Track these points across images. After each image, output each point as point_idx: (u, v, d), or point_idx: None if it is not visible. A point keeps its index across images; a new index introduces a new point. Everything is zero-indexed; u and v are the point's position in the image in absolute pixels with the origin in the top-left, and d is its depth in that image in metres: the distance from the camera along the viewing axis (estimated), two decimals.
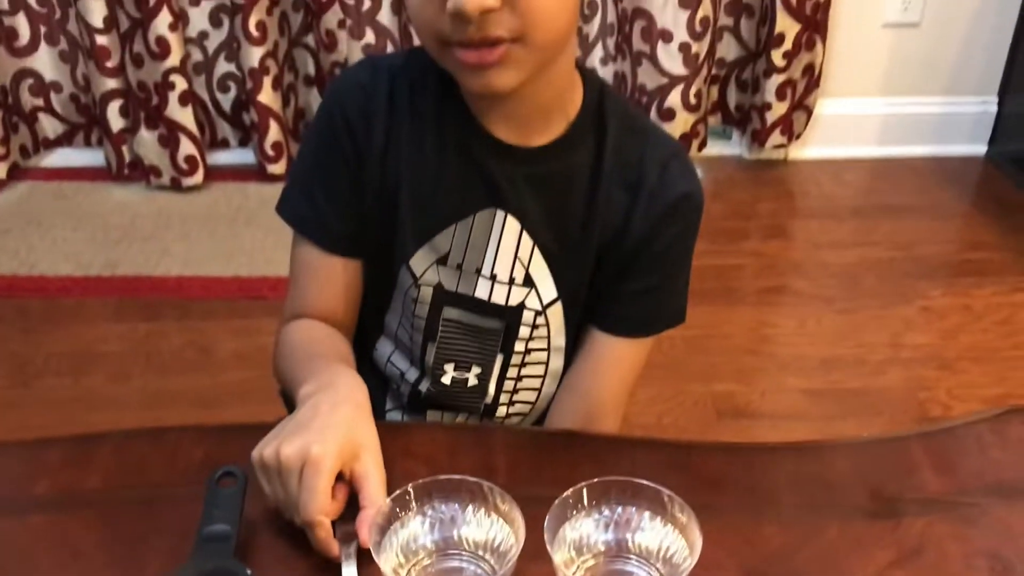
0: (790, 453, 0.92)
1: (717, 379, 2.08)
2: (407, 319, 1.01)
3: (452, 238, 0.96)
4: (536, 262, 0.96)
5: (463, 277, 0.97)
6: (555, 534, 0.73)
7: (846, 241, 2.53)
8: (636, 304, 0.99)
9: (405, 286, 0.99)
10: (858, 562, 0.80)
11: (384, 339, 1.07)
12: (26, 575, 0.80)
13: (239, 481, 0.81)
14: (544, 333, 1.00)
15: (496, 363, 1.02)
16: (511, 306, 0.98)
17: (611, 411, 1.03)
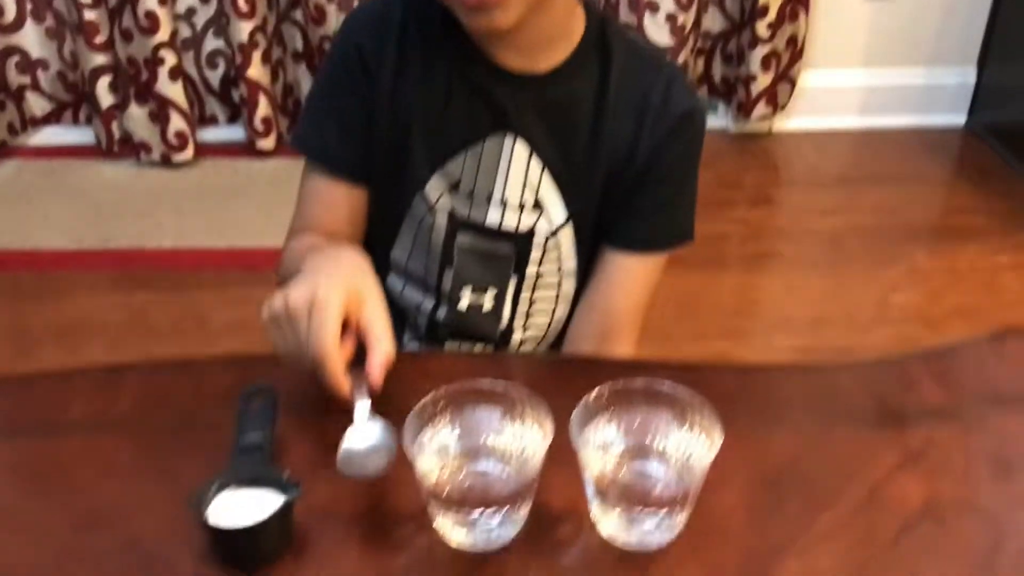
0: (797, 372, 0.96)
1: (708, 339, 2.12)
2: (422, 248, 1.04)
3: (463, 165, 0.99)
4: (545, 186, 1.00)
5: (475, 204, 1.01)
6: (580, 432, 0.76)
7: (831, 208, 2.57)
8: (647, 220, 1.02)
9: (420, 214, 1.02)
10: (866, 465, 0.84)
11: (393, 276, 1.10)
12: (67, 490, 0.82)
13: (270, 397, 0.84)
14: (555, 256, 1.03)
15: (510, 286, 1.05)
16: (522, 231, 1.01)
17: (626, 329, 1.06)
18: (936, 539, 0.77)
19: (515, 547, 0.76)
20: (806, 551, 0.76)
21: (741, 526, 0.78)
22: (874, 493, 0.81)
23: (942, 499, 0.80)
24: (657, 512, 0.74)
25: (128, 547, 0.76)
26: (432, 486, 0.74)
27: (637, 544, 0.76)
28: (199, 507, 0.73)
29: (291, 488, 0.74)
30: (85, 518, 0.79)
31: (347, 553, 0.76)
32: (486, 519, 0.74)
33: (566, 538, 0.77)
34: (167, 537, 0.77)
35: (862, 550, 0.76)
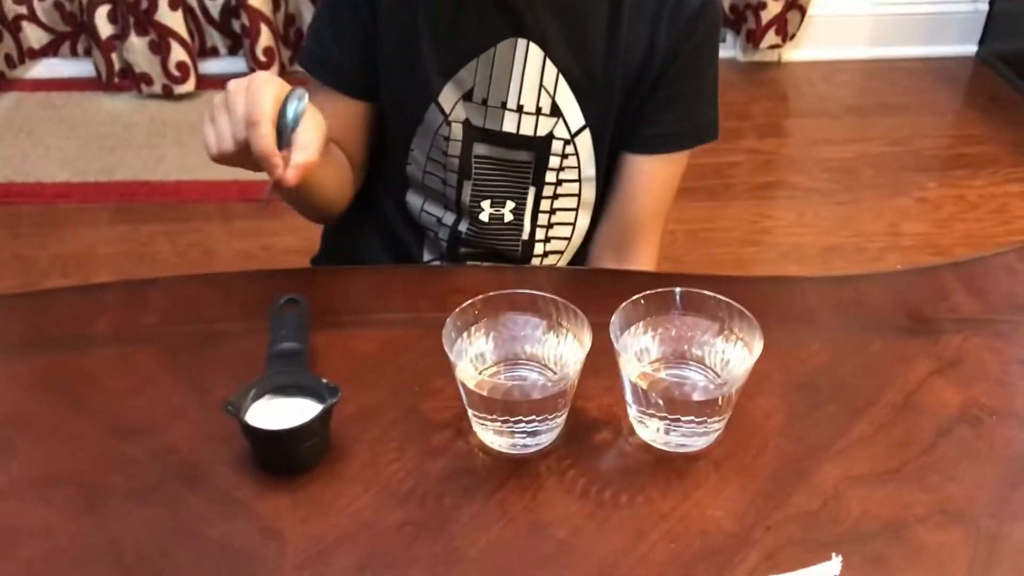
0: (828, 283, 0.95)
1: (718, 269, 2.12)
2: (438, 161, 1.03)
3: (475, 72, 0.97)
4: (561, 90, 0.98)
5: (489, 112, 0.99)
6: (619, 338, 0.76)
7: (841, 138, 2.55)
8: (665, 118, 1.01)
9: (435, 126, 1.00)
10: (901, 372, 0.83)
11: (412, 192, 1.08)
12: (100, 401, 0.81)
13: (302, 306, 0.83)
14: (574, 163, 1.03)
15: (529, 196, 1.04)
16: (539, 136, 1.00)
17: (647, 233, 1.06)
18: (973, 443, 0.77)
19: (553, 452, 0.76)
20: (843, 455, 0.76)
21: (778, 431, 0.78)
22: (910, 399, 0.81)
23: (978, 405, 0.80)
24: (695, 417, 0.74)
25: (164, 455, 0.76)
26: (471, 391, 0.74)
27: (676, 448, 0.76)
28: (237, 411, 0.72)
29: (331, 393, 0.74)
30: (119, 428, 0.79)
31: (385, 459, 0.76)
32: (524, 425, 0.74)
33: (604, 443, 0.77)
34: (203, 445, 0.77)
35: (899, 454, 0.76)
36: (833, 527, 0.70)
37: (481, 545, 0.69)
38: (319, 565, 0.68)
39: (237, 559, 0.68)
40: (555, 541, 0.70)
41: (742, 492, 0.73)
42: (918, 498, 0.73)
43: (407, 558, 0.69)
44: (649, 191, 1.04)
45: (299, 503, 0.72)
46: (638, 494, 0.73)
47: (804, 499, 0.72)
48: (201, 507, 0.72)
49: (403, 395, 0.81)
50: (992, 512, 0.72)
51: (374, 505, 0.72)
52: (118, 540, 0.70)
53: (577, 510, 0.72)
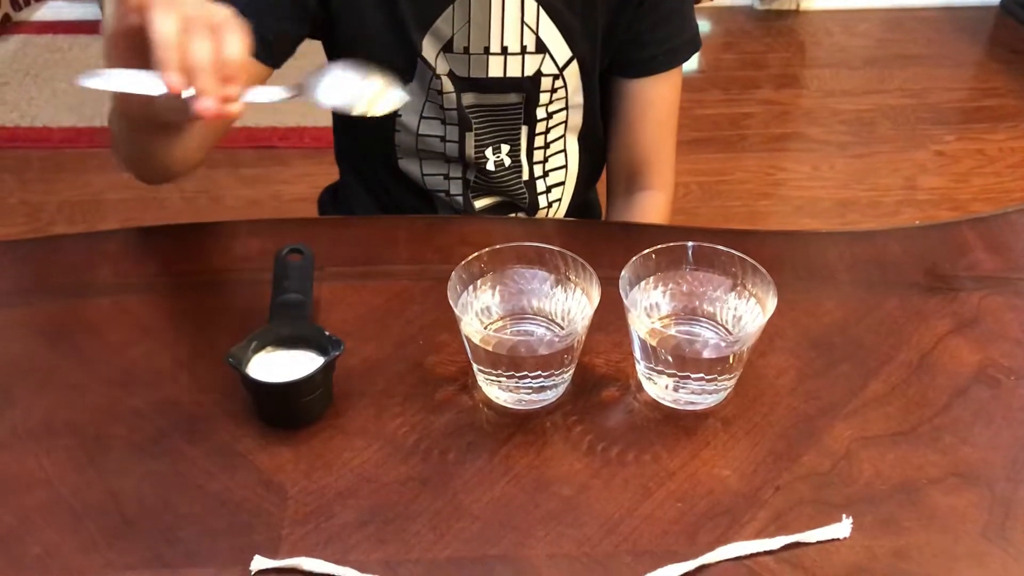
0: (844, 238, 0.92)
1: (732, 222, 2.09)
2: (436, 116, 1.00)
3: (452, 21, 0.94)
4: (544, 25, 0.96)
5: (473, 60, 0.96)
6: (628, 294, 0.74)
7: (859, 89, 2.50)
8: (655, 38, 1.00)
9: (427, 80, 0.98)
10: (917, 330, 0.82)
11: (405, 160, 1.05)
12: (100, 349, 0.80)
13: (307, 256, 0.81)
14: (563, 95, 1.01)
15: (523, 136, 1.03)
16: (528, 76, 0.98)
17: (662, 156, 1.06)
18: (988, 404, 0.76)
19: (559, 408, 0.75)
20: (855, 414, 0.75)
21: (789, 389, 0.76)
22: (925, 358, 0.79)
23: (995, 365, 0.79)
24: (705, 374, 0.72)
25: (166, 406, 0.75)
26: (476, 346, 0.72)
27: (685, 405, 0.75)
28: (238, 364, 0.71)
29: (334, 345, 0.72)
30: (120, 378, 0.78)
31: (388, 412, 0.74)
32: (530, 380, 0.73)
33: (612, 399, 0.76)
34: (206, 397, 0.76)
35: (913, 415, 0.75)
36: (844, 488, 0.69)
37: (485, 501, 0.68)
38: (320, 519, 0.67)
39: (238, 512, 0.68)
40: (560, 498, 0.69)
41: (751, 451, 0.72)
42: (931, 460, 0.71)
43: (409, 513, 0.68)
44: (651, 114, 1.04)
45: (301, 457, 0.71)
46: (645, 452, 0.72)
47: (815, 459, 0.71)
48: (202, 460, 0.71)
49: (408, 348, 0.80)
50: (1008, 475, 0.70)
51: (377, 459, 0.71)
52: (118, 492, 0.69)
53: (583, 467, 0.71)
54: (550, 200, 1.08)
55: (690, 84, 2.58)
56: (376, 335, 0.81)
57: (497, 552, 0.65)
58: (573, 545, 0.66)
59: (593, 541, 0.66)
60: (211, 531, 0.67)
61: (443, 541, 0.66)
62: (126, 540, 0.66)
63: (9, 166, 2.27)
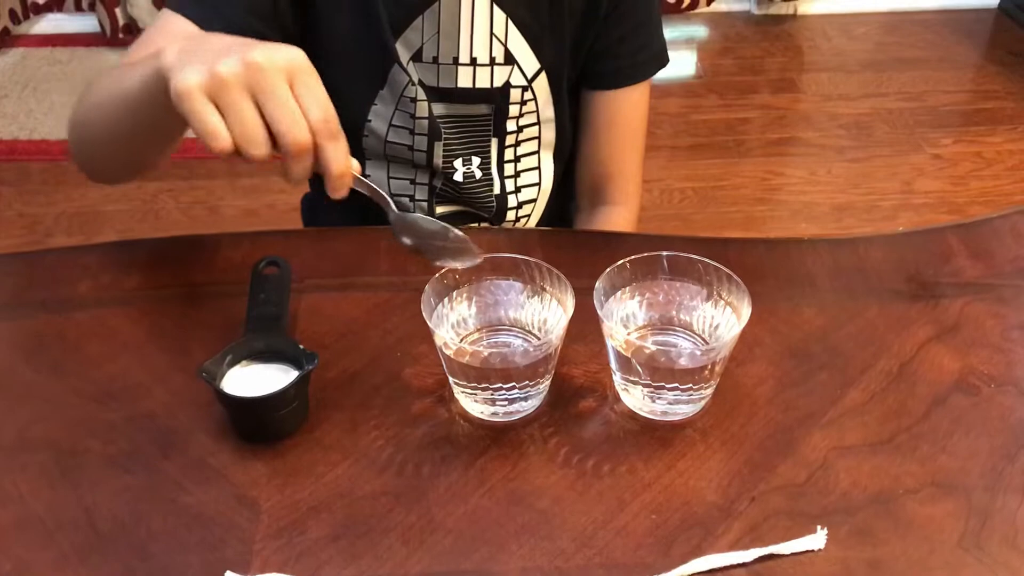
0: (825, 245, 0.92)
1: (729, 228, 2.09)
2: (405, 125, 1.00)
3: (422, 31, 0.94)
4: (513, 36, 0.96)
5: (442, 70, 0.96)
6: (603, 304, 0.74)
7: (856, 93, 2.50)
8: (621, 51, 1.00)
9: (401, 87, 0.98)
10: (898, 338, 0.81)
11: (372, 164, 1.04)
12: (78, 364, 0.80)
13: (283, 269, 0.81)
14: (533, 108, 1.01)
15: (493, 148, 1.03)
16: (497, 87, 0.98)
17: (625, 170, 1.06)
18: (968, 413, 0.75)
19: (536, 419, 0.75)
20: (833, 424, 0.74)
21: (767, 399, 0.76)
22: (905, 367, 0.79)
23: (975, 372, 0.78)
24: (679, 384, 0.72)
25: (142, 421, 0.75)
26: (451, 358, 0.72)
27: (661, 415, 0.74)
28: (212, 378, 0.71)
29: (308, 359, 0.72)
30: (98, 392, 0.78)
31: (364, 426, 0.74)
32: (505, 392, 0.72)
33: (588, 410, 0.76)
34: (182, 411, 0.76)
35: (892, 423, 0.74)
36: (819, 499, 0.69)
37: (458, 515, 0.68)
38: (293, 534, 0.67)
39: (211, 527, 0.67)
40: (534, 511, 0.68)
41: (727, 462, 0.71)
42: (909, 469, 0.71)
43: (382, 527, 0.67)
44: (618, 127, 1.04)
45: (276, 471, 0.71)
46: (621, 463, 0.71)
47: (791, 470, 0.71)
48: (176, 474, 0.71)
49: (386, 360, 0.80)
50: (985, 484, 0.69)
51: (351, 473, 0.71)
52: (92, 507, 0.69)
53: (558, 479, 0.70)
54: (519, 215, 1.08)
55: (687, 90, 2.58)
56: (354, 347, 0.80)
57: (470, 566, 0.65)
58: (546, 558, 0.65)
59: (567, 554, 0.66)
60: (183, 546, 0.66)
61: (415, 556, 0.66)
62: (98, 555, 0.66)
63: (8, 178, 2.28)
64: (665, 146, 2.35)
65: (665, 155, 2.32)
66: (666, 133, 2.40)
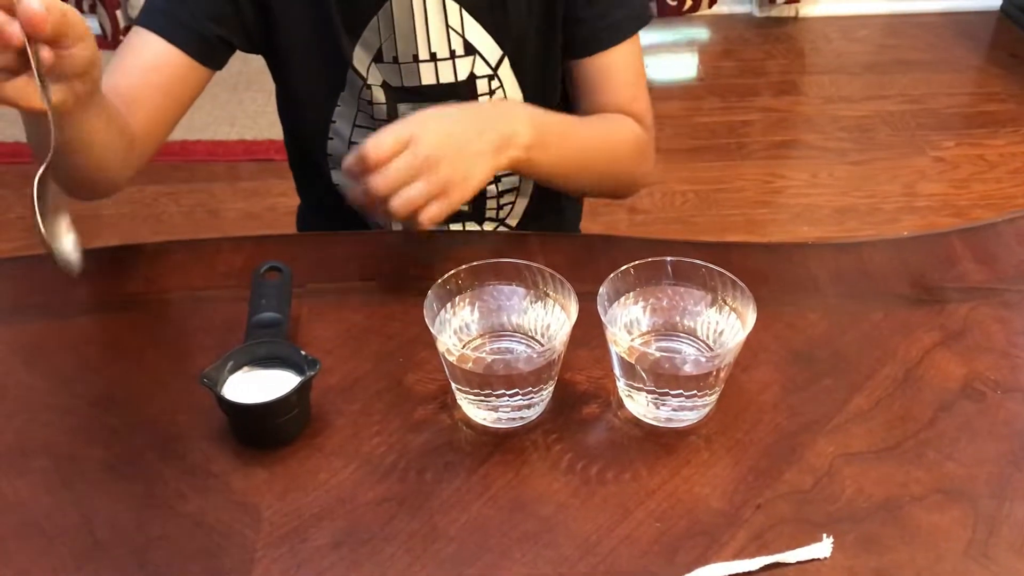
0: (829, 249, 0.92)
1: (729, 230, 2.08)
2: (368, 127, 0.99)
3: (379, 30, 0.94)
4: (470, 26, 0.95)
5: (404, 69, 0.96)
6: (607, 311, 0.73)
7: (858, 95, 2.49)
8: (594, 13, 0.97)
9: (356, 90, 0.97)
10: (903, 343, 0.81)
11: (337, 172, 1.04)
12: (78, 369, 0.80)
13: (285, 274, 0.81)
14: (501, 96, 1.00)
15: None
16: (461, 81, 0.97)
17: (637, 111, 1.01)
18: (974, 419, 0.74)
19: (539, 426, 0.74)
20: (838, 431, 0.73)
21: (772, 405, 0.75)
22: (911, 372, 0.78)
23: (981, 378, 0.77)
24: (684, 391, 0.71)
25: (143, 426, 0.75)
26: (454, 364, 0.71)
27: (666, 422, 0.74)
28: (213, 384, 0.71)
29: (310, 365, 0.71)
30: (98, 397, 0.77)
31: (366, 432, 0.74)
32: (509, 398, 0.72)
33: (592, 416, 0.75)
34: (182, 417, 0.75)
35: (897, 430, 0.73)
36: (826, 506, 0.68)
37: (461, 522, 0.68)
38: (294, 541, 0.66)
39: (211, 535, 0.67)
40: (537, 518, 0.68)
41: (732, 469, 0.71)
42: (915, 476, 0.70)
43: (384, 535, 0.67)
44: (614, 81, 1.00)
45: (276, 477, 0.71)
46: (625, 470, 0.71)
47: (796, 476, 0.70)
48: (176, 481, 0.71)
49: (388, 366, 0.79)
50: (992, 492, 0.69)
51: (354, 480, 0.70)
52: (91, 515, 0.68)
53: (561, 487, 0.70)
54: (501, 204, 1.06)
55: (688, 92, 2.57)
56: (356, 353, 0.80)
57: (473, 574, 0.65)
58: (550, 567, 0.65)
59: (570, 562, 0.65)
60: (183, 554, 0.66)
61: (418, 563, 0.65)
62: (97, 563, 0.65)
63: (9, 181, 2.27)
64: (666, 148, 2.35)
65: (666, 157, 2.31)
66: (667, 135, 2.39)
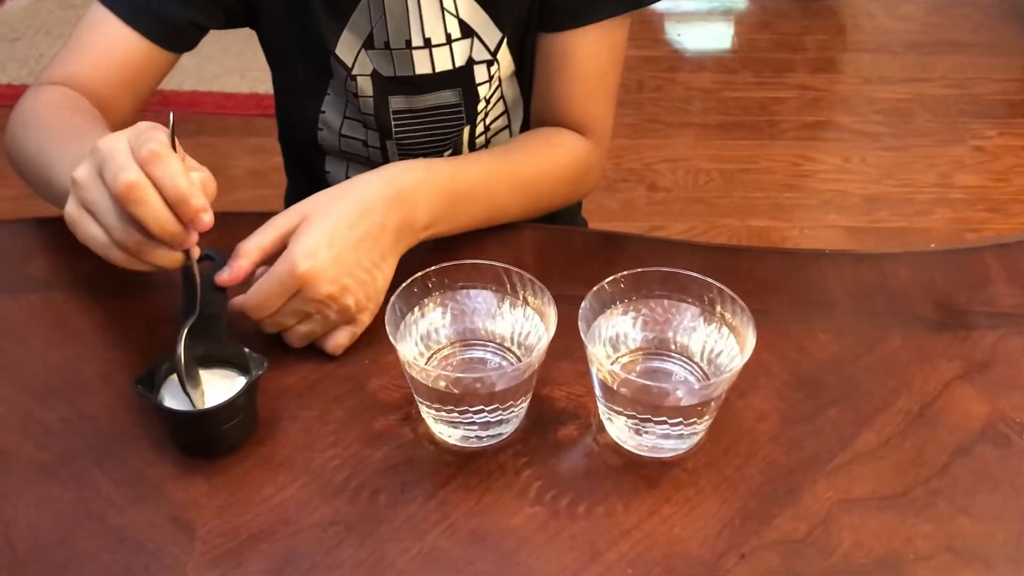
0: (848, 260, 0.83)
1: (754, 214, 1.99)
2: (357, 119, 0.92)
3: (369, 14, 0.86)
4: (465, 6, 0.86)
5: (397, 57, 0.88)
6: (589, 326, 0.66)
7: (898, 77, 2.38)
8: None
9: (342, 80, 0.89)
10: (921, 373, 0.73)
11: (331, 160, 0.98)
12: (19, 353, 0.74)
13: (218, 263, 0.72)
14: (497, 83, 0.92)
15: (465, 135, 0.94)
16: (459, 67, 0.88)
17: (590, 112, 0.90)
18: (995, 467, 0.67)
19: (510, 446, 0.67)
20: (840, 471, 0.66)
21: (769, 437, 0.68)
22: (927, 408, 0.70)
23: (1006, 420, 0.69)
24: (671, 419, 0.64)
25: (80, 423, 0.69)
26: (417, 375, 0.64)
27: (649, 450, 0.67)
28: (149, 390, 0.64)
29: (255, 365, 0.65)
30: (37, 388, 0.71)
31: (320, 443, 0.67)
32: (478, 414, 0.65)
33: (568, 439, 0.68)
34: (125, 415, 0.69)
35: (907, 475, 0.66)
36: (818, 560, 0.61)
37: (413, 553, 0.61)
38: (228, 565, 0.60)
39: (138, 553, 0.61)
40: (497, 554, 0.61)
41: (718, 510, 0.64)
42: (922, 531, 0.63)
43: (327, 563, 0.61)
44: (568, 69, 0.88)
45: (216, 490, 0.64)
46: (598, 504, 0.64)
47: (789, 523, 0.63)
48: (109, 488, 0.65)
49: (351, 368, 0.73)
50: (1010, 554, 0.61)
51: (300, 498, 0.64)
52: (12, 521, 0.63)
53: (527, 519, 0.63)
54: None
55: (720, 64, 2.47)
56: (317, 351, 0.73)
57: None
58: None
59: None
60: (106, 573, 0.60)
61: None
62: None
63: None
64: (694, 123, 2.25)
65: (693, 132, 2.22)
66: (695, 109, 2.29)
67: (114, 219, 0.62)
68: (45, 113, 0.82)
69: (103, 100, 0.85)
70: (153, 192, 0.60)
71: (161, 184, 0.60)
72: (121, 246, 0.63)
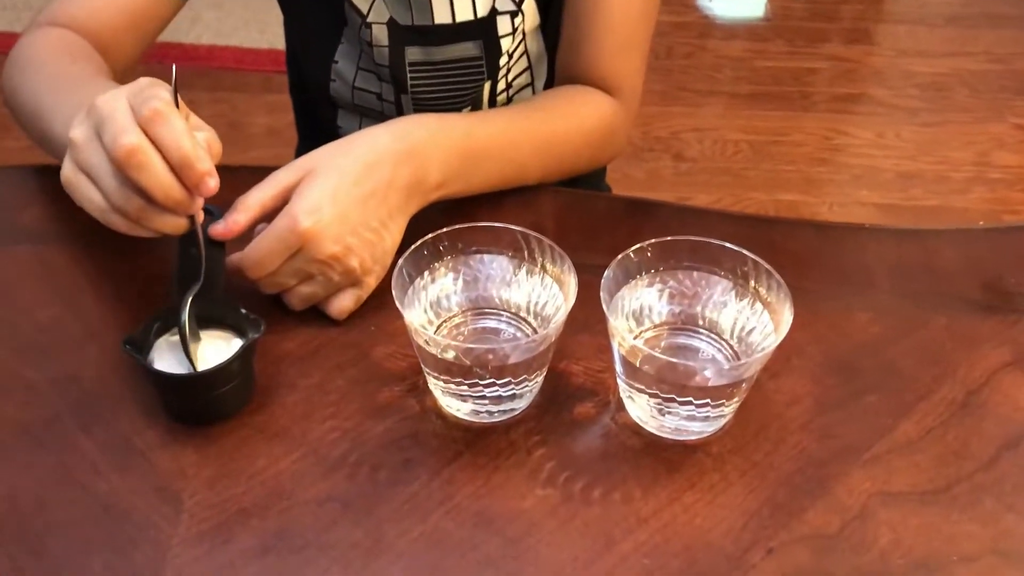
0: (889, 236, 0.78)
1: (783, 188, 1.93)
2: (371, 70, 0.87)
3: None
4: None
5: (415, 4, 0.82)
6: (612, 298, 0.61)
7: (937, 50, 2.29)
8: None
9: (356, 28, 0.84)
10: (966, 359, 0.67)
11: (343, 114, 0.94)
12: (6, 309, 0.70)
13: (216, 217, 0.67)
14: (521, 37, 0.86)
15: (485, 91, 0.88)
16: (481, 17, 0.83)
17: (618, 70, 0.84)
18: None
19: (522, 422, 0.63)
20: (878, 462, 0.61)
21: (801, 424, 0.63)
22: (972, 396, 0.65)
23: None
24: (697, 399, 0.59)
25: (65, 384, 0.65)
26: (425, 344, 0.60)
27: (671, 432, 0.62)
28: (138, 351, 0.60)
29: (252, 327, 0.61)
30: (22, 345, 0.67)
31: (319, 413, 0.63)
32: (489, 387, 0.60)
33: (585, 418, 0.64)
34: (114, 376, 0.65)
35: (950, 468, 0.61)
36: (852, 557, 0.56)
37: (414, 535, 0.57)
38: (215, 541, 0.56)
39: (122, 524, 0.57)
40: (503, 539, 0.57)
41: (744, 499, 0.59)
42: (967, 530, 0.58)
43: (321, 543, 0.56)
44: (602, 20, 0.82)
45: (207, 460, 0.60)
46: (615, 488, 0.59)
47: (821, 516, 0.58)
48: (94, 453, 0.61)
49: (355, 334, 0.68)
50: None
51: (295, 471, 0.60)
52: None
53: (537, 502, 0.59)
54: None
55: (752, 32, 2.39)
56: (319, 315, 0.69)
57: None
58: None
59: None
60: (86, 543, 0.56)
61: None
62: None
63: None
64: (723, 92, 2.18)
65: (723, 102, 2.15)
66: (726, 78, 2.22)
67: (114, 184, 0.58)
68: (43, 58, 0.78)
69: (105, 43, 0.81)
70: (156, 156, 0.56)
71: (164, 146, 0.56)
72: (121, 212, 0.59)
